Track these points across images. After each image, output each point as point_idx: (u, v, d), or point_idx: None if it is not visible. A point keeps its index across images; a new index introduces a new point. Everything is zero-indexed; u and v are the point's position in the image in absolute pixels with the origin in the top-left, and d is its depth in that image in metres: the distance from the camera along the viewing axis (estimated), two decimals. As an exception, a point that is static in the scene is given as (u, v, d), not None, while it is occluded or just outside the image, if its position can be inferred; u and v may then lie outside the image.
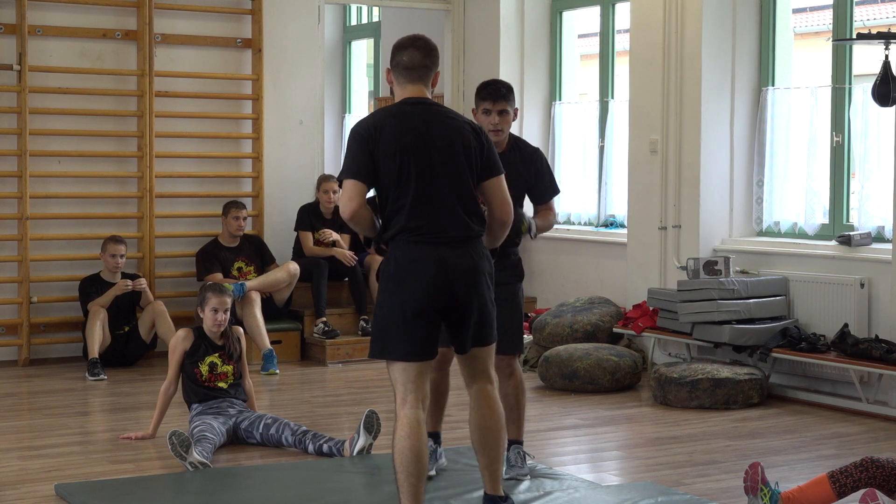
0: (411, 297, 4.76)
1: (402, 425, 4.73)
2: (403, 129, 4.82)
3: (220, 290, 6.93)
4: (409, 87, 4.96)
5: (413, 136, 4.83)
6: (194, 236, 9.97)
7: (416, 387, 4.79)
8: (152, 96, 9.78)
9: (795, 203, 8.69)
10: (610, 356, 8.54)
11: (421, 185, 4.79)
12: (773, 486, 5.20)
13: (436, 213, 4.80)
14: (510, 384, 5.81)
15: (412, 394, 4.78)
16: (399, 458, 4.71)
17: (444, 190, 4.81)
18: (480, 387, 5.01)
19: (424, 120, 4.89)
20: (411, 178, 4.78)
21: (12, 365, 9.41)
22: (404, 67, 4.93)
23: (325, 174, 10.25)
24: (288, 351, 9.69)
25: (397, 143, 4.79)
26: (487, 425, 4.98)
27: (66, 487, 5.81)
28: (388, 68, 5.00)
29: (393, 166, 4.78)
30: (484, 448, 5.00)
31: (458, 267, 4.79)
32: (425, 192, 4.79)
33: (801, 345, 7.97)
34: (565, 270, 10.33)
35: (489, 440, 5.00)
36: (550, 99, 10.78)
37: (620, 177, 9.85)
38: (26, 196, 9.41)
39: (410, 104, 4.93)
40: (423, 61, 4.94)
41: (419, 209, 4.78)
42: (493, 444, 5.01)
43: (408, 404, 4.76)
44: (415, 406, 4.76)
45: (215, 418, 6.71)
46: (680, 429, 7.34)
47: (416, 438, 4.71)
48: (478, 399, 5.00)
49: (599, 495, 5.74)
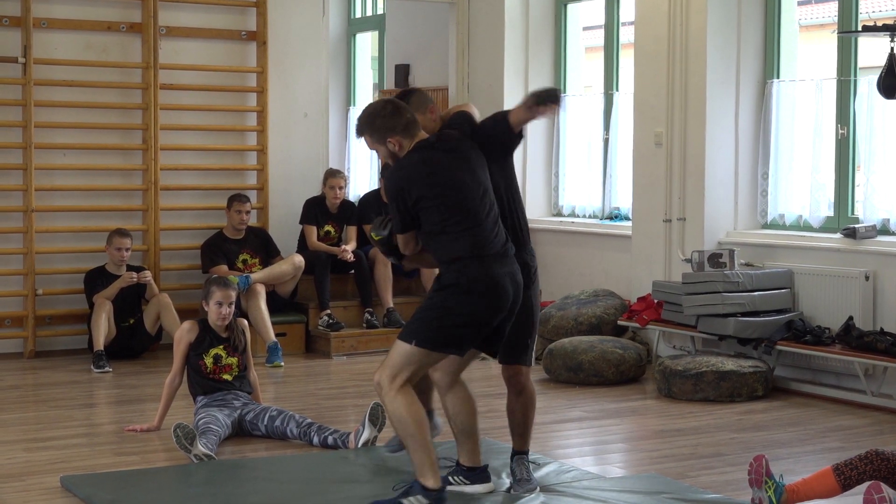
0: (485, 309, 5.19)
1: (408, 396, 5.14)
2: (429, 172, 5.22)
3: (224, 284, 6.94)
4: (415, 136, 5.29)
5: (441, 173, 5.22)
6: (199, 229, 9.98)
7: (421, 376, 5.33)
8: (157, 89, 9.79)
9: (800, 196, 8.68)
10: (614, 349, 8.54)
11: (466, 210, 5.20)
12: (778, 479, 5.21)
13: (486, 231, 5.23)
14: (520, 401, 5.69)
15: (414, 378, 5.22)
16: (406, 424, 5.13)
17: (483, 207, 5.27)
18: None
19: (441, 156, 5.27)
20: (457, 209, 5.19)
21: (18, 357, 9.42)
22: (404, 127, 5.25)
23: (331, 169, 10.25)
24: (293, 343, 9.70)
25: (430, 186, 5.18)
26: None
27: (72, 479, 5.83)
28: (390, 139, 5.23)
29: (434, 205, 5.18)
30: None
31: (517, 282, 5.28)
32: (473, 214, 5.21)
33: (805, 337, 7.97)
34: (570, 263, 10.32)
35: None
36: (555, 91, 10.75)
37: (625, 169, 9.84)
38: (31, 188, 9.42)
39: (421, 148, 5.26)
40: (413, 115, 5.31)
41: (473, 230, 5.20)
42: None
43: (407, 384, 5.16)
44: (410, 388, 5.20)
45: (220, 410, 6.72)
46: (684, 421, 7.34)
47: (417, 408, 5.18)
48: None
49: (604, 487, 5.74)
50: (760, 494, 5.22)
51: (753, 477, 5.26)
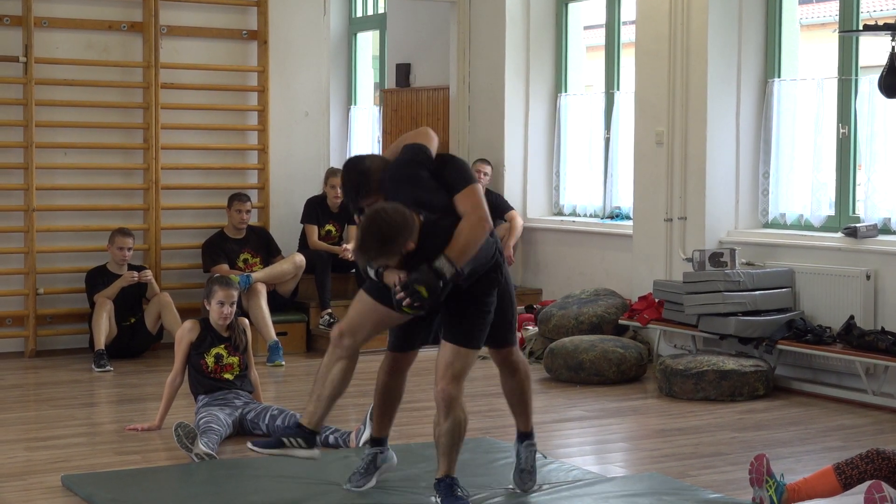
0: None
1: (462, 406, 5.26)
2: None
3: (226, 284, 6.93)
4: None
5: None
6: (200, 228, 9.98)
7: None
8: (158, 88, 9.79)
9: (801, 195, 8.68)
10: (615, 348, 8.54)
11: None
12: (779, 478, 5.21)
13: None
14: (517, 379, 5.68)
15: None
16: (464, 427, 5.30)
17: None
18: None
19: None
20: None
21: (19, 356, 9.42)
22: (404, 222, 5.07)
23: (332, 168, 10.24)
24: (293, 343, 9.70)
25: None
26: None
27: (73, 479, 5.83)
28: (406, 243, 5.06)
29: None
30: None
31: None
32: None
33: (806, 337, 7.97)
34: (571, 262, 10.33)
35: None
36: (556, 91, 10.77)
37: (626, 168, 9.85)
38: (32, 188, 9.42)
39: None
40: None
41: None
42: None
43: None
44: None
45: (221, 409, 6.72)
46: (685, 420, 7.34)
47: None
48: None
49: (605, 487, 5.74)
50: (761, 494, 5.22)
51: (754, 476, 5.26)
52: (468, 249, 5.08)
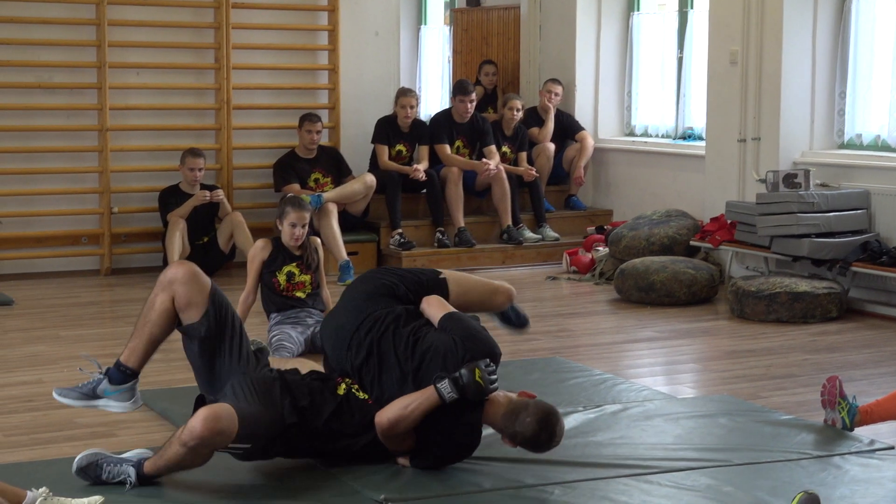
0: None
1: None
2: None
3: (299, 205, 6.95)
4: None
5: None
6: (271, 148, 10.02)
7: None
8: (229, 8, 9.80)
9: (878, 115, 8.54)
10: (686, 269, 8.50)
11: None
12: (851, 400, 5.18)
13: None
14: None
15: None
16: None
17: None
18: None
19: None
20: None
21: (95, 274, 9.57)
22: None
23: (403, 88, 10.21)
24: (364, 262, 9.73)
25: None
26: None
27: (149, 393, 5.92)
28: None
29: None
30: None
31: None
32: None
33: (881, 259, 7.87)
34: (642, 183, 10.26)
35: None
36: (629, 10, 10.64)
37: (699, 88, 9.73)
38: (106, 108, 9.49)
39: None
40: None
41: None
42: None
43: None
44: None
45: (293, 328, 6.78)
46: (757, 342, 7.31)
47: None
48: None
49: (675, 407, 5.74)
50: (834, 415, 5.20)
51: (827, 398, 5.24)
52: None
